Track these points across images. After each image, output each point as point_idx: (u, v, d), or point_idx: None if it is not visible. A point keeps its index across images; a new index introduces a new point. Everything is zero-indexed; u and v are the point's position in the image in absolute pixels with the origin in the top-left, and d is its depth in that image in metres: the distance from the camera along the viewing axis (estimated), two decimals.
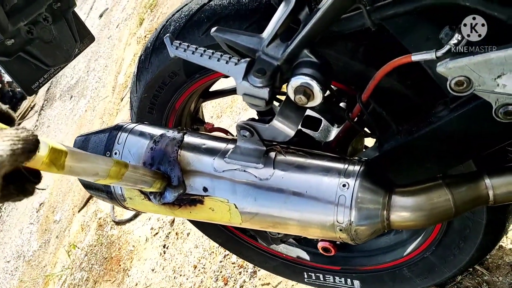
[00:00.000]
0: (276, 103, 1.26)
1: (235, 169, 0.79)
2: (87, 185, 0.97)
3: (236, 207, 0.80)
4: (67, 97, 5.12)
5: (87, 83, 4.91)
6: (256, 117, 0.95)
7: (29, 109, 5.68)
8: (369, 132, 0.89)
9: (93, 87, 4.71)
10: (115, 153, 0.90)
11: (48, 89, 5.65)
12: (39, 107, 5.55)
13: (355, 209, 0.71)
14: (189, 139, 0.86)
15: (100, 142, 0.93)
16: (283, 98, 0.84)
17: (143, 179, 0.78)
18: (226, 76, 1.19)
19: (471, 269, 1.20)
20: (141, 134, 0.90)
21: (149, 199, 0.87)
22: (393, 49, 0.74)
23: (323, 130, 1.09)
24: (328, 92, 1.16)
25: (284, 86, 0.76)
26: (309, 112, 1.11)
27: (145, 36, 4.14)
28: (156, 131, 0.90)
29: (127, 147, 0.89)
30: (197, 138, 0.87)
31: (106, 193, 0.93)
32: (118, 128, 0.93)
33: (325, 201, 0.72)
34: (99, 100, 4.35)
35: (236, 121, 2.55)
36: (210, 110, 2.75)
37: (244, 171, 0.78)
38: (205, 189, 0.82)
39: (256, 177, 0.78)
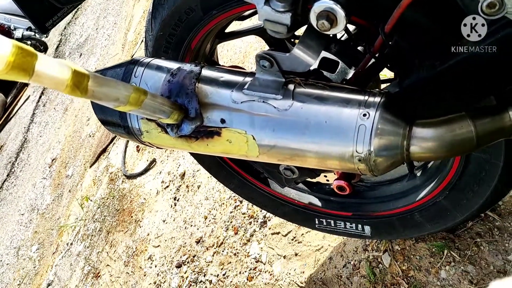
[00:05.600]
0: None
1: (254, 100, 0.79)
2: (104, 121, 0.98)
3: (253, 139, 0.80)
4: (77, 55, 5.09)
5: (96, 40, 4.87)
6: None
7: None
8: (389, 66, 0.87)
9: (102, 45, 4.67)
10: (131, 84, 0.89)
11: (58, 46, 5.62)
12: None
13: (375, 139, 0.71)
14: (206, 72, 0.86)
15: (117, 76, 0.92)
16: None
17: (161, 109, 0.78)
18: (241, 19, 1.17)
19: (482, 215, 1.20)
20: (158, 67, 0.90)
21: (166, 132, 0.87)
22: None
23: (340, 72, 1.07)
24: (345, 34, 1.14)
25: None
26: (326, 54, 1.10)
27: None
28: (173, 65, 0.89)
29: (144, 80, 0.89)
30: (214, 71, 0.86)
31: (123, 127, 0.93)
32: (134, 62, 0.92)
33: (345, 131, 0.72)
34: (109, 58, 4.33)
35: None
36: (220, 63, 2.73)
37: (263, 102, 0.78)
38: (222, 121, 0.82)
39: (274, 108, 0.77)
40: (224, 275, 1.82)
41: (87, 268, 2.63)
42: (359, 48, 1.13)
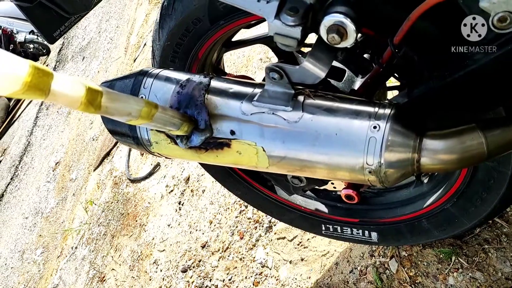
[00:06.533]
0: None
1: (263, 112, 0.79)
2: (113, 132, 0.98)
3: (263, 150, 0.80)
4: (79, 58, 5.11)
5: (99, 44, 4.88)
6: None
7: None
8: (398, 77, 0.87)
9: (105, 48, 4.68)
10: (141, 98, 0.90)
11: (60, 50, 5.63)
12: (51, 68, 5.55)
13: (386, 151, 0.71)
14: (216, 83, 0.86)
15: (126, 87, 0.93)
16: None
17: (172, 121, 0.79)
18: (248, 27, 1.18)
19: (490, 222, 1.20)
20: (167, 79, 0.90)
21: (175, 143, 0.88)
22: None
23: (347, 80, 1.07)
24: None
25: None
26: (333, 63, 1.10)
27: None
28: (182, 76, 0.89)
29: (153, 92, 0.89)
30: (224, 82, 0.86)
31: (133, 138, 0.94)
32: (144, 73, 0.93)
33: (355, 143, 0.72)
34: (111, 61, 4.34)
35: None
36: (225, 70, 2.73)
37: (273, 114, 0.78)
38: (232, 133, 0.82)
39: (284, 119, 0.77)
40: (230, 280, 1.82)
41: (92, 272, 2.64)
42: (365, 55, 1.13)
